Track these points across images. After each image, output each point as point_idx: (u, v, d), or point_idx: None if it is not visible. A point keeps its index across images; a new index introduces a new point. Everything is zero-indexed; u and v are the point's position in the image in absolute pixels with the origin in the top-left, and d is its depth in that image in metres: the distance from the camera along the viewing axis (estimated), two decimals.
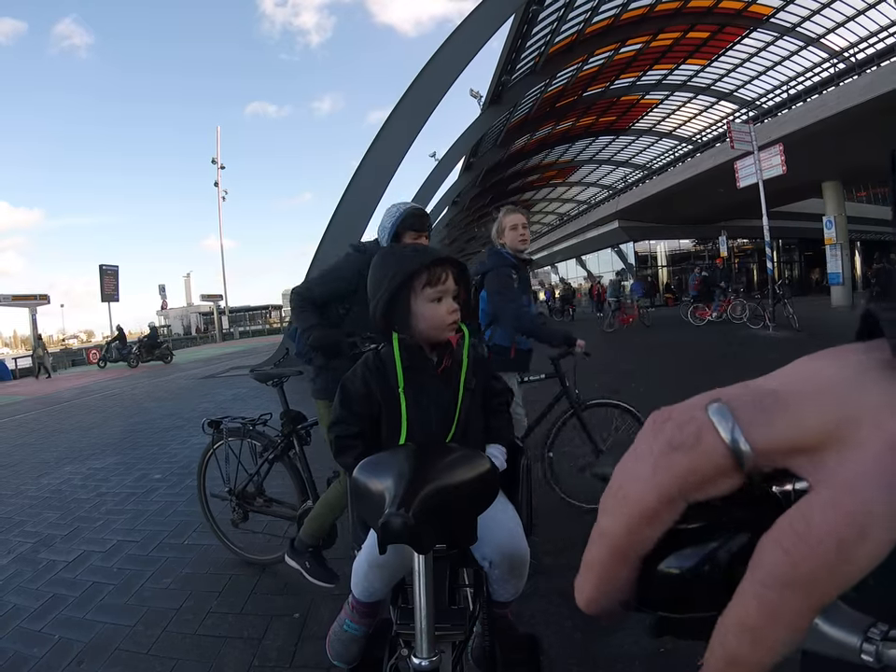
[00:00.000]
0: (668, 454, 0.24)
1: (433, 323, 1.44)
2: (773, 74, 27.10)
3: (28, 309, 28.62)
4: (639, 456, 0.26)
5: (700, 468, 0.24)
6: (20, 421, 9.88)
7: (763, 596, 0.21)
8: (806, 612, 0.21)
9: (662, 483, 0.24)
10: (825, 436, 0.23)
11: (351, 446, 1.45)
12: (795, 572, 0.21)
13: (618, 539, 0.25)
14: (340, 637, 1.50)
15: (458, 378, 1.49)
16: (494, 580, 1.43)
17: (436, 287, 1.44)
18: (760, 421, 0.23)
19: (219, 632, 2.43)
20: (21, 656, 2.36)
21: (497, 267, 3.17)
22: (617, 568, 0.26)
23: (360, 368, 1.50)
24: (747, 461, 0.23)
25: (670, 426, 0.25)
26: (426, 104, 13.49)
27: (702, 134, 33.90)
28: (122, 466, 5.59)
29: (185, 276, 70.58)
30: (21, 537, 3.77)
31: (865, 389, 0.23)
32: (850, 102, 14.34)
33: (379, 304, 1.43)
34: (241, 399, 9.55)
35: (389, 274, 1.42)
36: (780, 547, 0.21)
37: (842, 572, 0.21)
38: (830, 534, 0.20)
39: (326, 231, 13.71)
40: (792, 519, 0.22)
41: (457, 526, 0.97)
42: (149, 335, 22.63)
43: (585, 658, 2.07)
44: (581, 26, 21.35)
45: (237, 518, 3.01)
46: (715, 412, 0.24)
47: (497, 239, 3.28)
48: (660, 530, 0.25)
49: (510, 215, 3.24)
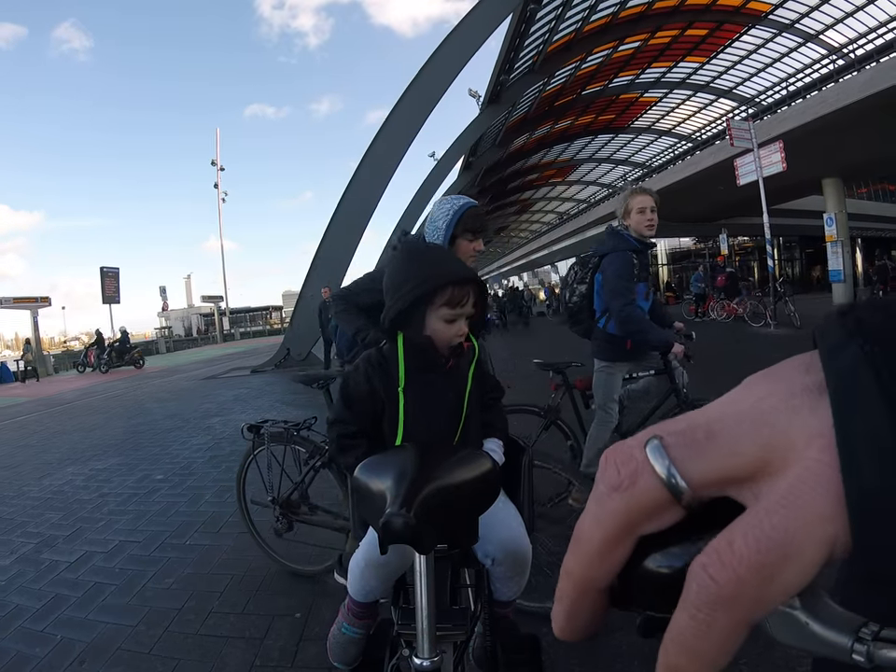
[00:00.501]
0: (610, 494, 0.26)
1: (439, 339, 1.42)
2: (772, 71, 27.11)
3: (29, 311, 28.67)
4: (592, 497, 0.27)
5: (639, 506, 0.25)
6: (21, 422, 9.89)
7: (695, 616, 0.22)
8: (737, 630, 0.22)
9: (605, 523, 0.26)
10: (757, 466, 0.23)
11: (351, 446, 1.44)
12: (721, 595, 0.21)
13: (577, 576, 0.27)
14: (338, 639, 1.50)
15: (463, 380, 1.49)
16: (496, 577, 1.43)
17: (454, 310, 1.40)
18: (693, 456, 0.24)
19: (221, 632, 2.43)
20: (23, 656, 2.36)
21: (618, 251, 3.07)
22: (582, 601, 0.27)
23: (363, 364, 1.48)
24: (684, 496, 0.24)
25: (611, 467, 0.26)
26: (424, 104, 13.52)
27: (701, 132, 33.92)
28: (124, 467, 5.59)
29: (185, 278, 70.80)
30: (23, 537, 3.77)
31: (793, 416, 0.23)
32: (850, 98, 14.29)
33: (392, 310, 1.40)
34: (242, 400, 9.56)
35: (411, 282, 1.38)
36: (706, 572, 0.22)
37: (767, 593, 0.21)
38: (751, 559, 0.21)
39: (326, 231, 13.77)
40: (718, 544, 0.22)
41: (459, 526, 0.97)
42: (120, 339, 22.47)
43: (587, 658, 2.08)
44: (580, 24, 21.36)
45: (281, 528, 2.81)
46: (651, 450, 0.25)
47: (623, 220, 3.17)
48: (616, 564, 0.26)
49: (638, 196, 3.11)
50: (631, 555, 0.26)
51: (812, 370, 0.24)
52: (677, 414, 0.27)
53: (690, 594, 0.23)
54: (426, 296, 1.37)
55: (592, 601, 0.27)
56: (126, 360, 21.72)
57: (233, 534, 3.47)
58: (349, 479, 1.09)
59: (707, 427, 0.25)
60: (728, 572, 0.21)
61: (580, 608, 0.27)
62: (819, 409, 0.23)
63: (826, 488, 0.21)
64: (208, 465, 5.34)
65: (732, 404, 0.26)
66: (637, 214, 3.07)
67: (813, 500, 0.21)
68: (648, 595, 0.26)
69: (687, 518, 0.25)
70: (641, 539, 0.26)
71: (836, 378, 0.22)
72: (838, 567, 0.25)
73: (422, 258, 1.46)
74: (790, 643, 0.24)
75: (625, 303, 2.97)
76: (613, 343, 3.10)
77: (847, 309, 0.24)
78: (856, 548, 0.21)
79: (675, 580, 0.24)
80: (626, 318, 2.97)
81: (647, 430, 0.27)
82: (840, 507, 0.21)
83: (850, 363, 0.22)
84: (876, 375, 0.21)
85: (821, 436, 0.22)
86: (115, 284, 35.35)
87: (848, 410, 0.21)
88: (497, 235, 62.39)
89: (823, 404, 0.23)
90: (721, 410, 0.26)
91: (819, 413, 0.23)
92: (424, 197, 26.44)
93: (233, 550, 3.25)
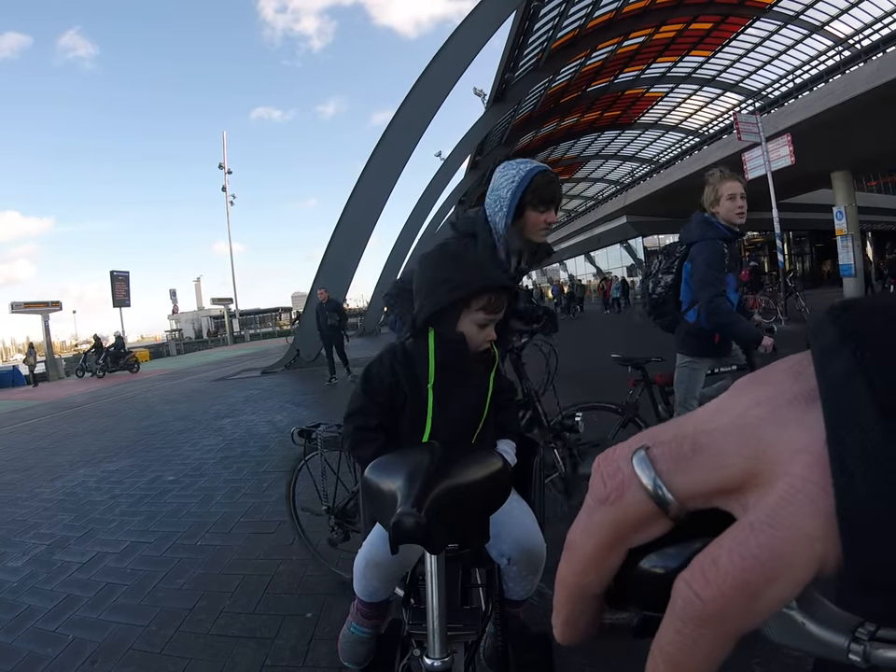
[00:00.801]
0: (598, 507, 0.26)
1: (469, 342, 1.41)
2: (778, 63, 26.99)
3: (41, 315, 28.87)
4: (583, 507, 0.27)
5: (627, 519, 0.25)
6: (33, 425, 9.95)
7: (680, 631, 0.22)
8: (722, 644, 0.22)
9: (595, 535, 0.26)
10: (743, 478, 0.23)
11: (370, 439, 1.43)
12: (706, 612, 0.21)
13: (570, 584, 0.27)
14: (348, 639, 1.50)
15: (485, 383, 1.48)
16: (510, 577, 1.42)
17: (489, 315, 1.39)
18: (679, 468, 0.24)
19: (232, 632, 2.43)
20: (36, 656, 2.38)
21: (707, 239, 2.92)
22: (577, 609, 0.27)
23: (387, 357, 1.47)
24: (671, 508, 0.24)
25: (598, 479, 0.26)
26: (429, 104, 13.51)
27: (708, 127, 33.74)
28: (136, 468, 5.61)
29: (195, 280, 71.08)
30: (35, 539, 3.79)
31: (780, 430, 0.23)
32: (857, 90, 14.20)
33: (427, 308, 1.39)
34: (252, 401, 9.60)
35: (450, 283, 1.36)
36: (691, 588, 0.22)
37: (753, 610, 0.21)
38: (736, 577, 0.21)
39: (334, 232, 13.79)
40: (703, 561, 0.22)
41: (470, 525, 0.97)
42: (114, 344, 22.72)
43: (598, 657, 2.07)
44: (583, 21, 21.30)
45: (336, 538, 2.70)
46: (638, 462, 0.25)
47: (710, 207, 2.99)
48: (609, 571, 0.26)
49: (727, 181, 2.92)
50: (625, 557, 0.26)
51: (802, 376, 0.24)
52: None
53: (675, 608, 0.22)
54: (465, 299, 1.36)
55: (588, 606, 0.27)
56: (121, 365, 22.06)
57: (245, 534, 3.48)
58: (361, 476, 1.08)
59: (694, 439, 0.25)
60: (713, 590, 0.21)
61: (577, 613, 0.28)
62: (806, 421, 0.23)
63: (812, 507, 0.21)
64: (219, 466, 5.35)
65: (719, 413, 0.25)
66: (728, 201, 2.90)
67: (800, 519, 0.21)
68: (643, 595, 0.26)
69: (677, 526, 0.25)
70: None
71: (828, 387, 0.22)
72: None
73: (462, 260, 1.43)
74: (786, 644, 0.24)
75: (715, 294, 2.83)
76: (700, 336, 2.99)
77: (842, 308, 0.23)
78: (848, 561, 0.21)
79: (670, 580, 0.24)
80: (715, 310, 2.82)
81: (635, 438, 0.27)
82: (827, 525, 0.21)
83: (843, 369, 0.21)
84: (870, 384, 0.21)
85: (807, 451, 0.22)
86: (125, 287, 35.52)
87: (841, 420, 0.21)
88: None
89: (811, 416, 0.23)
90: (708, 419, 0.25)
91: (807, 426, 0.22)
92: (431, 197, 26.49)
93: (244, 550, 3.26)
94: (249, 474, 4.92)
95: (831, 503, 0.21)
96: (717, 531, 0.23)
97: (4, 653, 2.43)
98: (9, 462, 6.60)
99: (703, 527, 0.25)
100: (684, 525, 0.25)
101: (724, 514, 0.24)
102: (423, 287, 1.43)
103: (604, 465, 0.26)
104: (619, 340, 13.62)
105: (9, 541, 3.55)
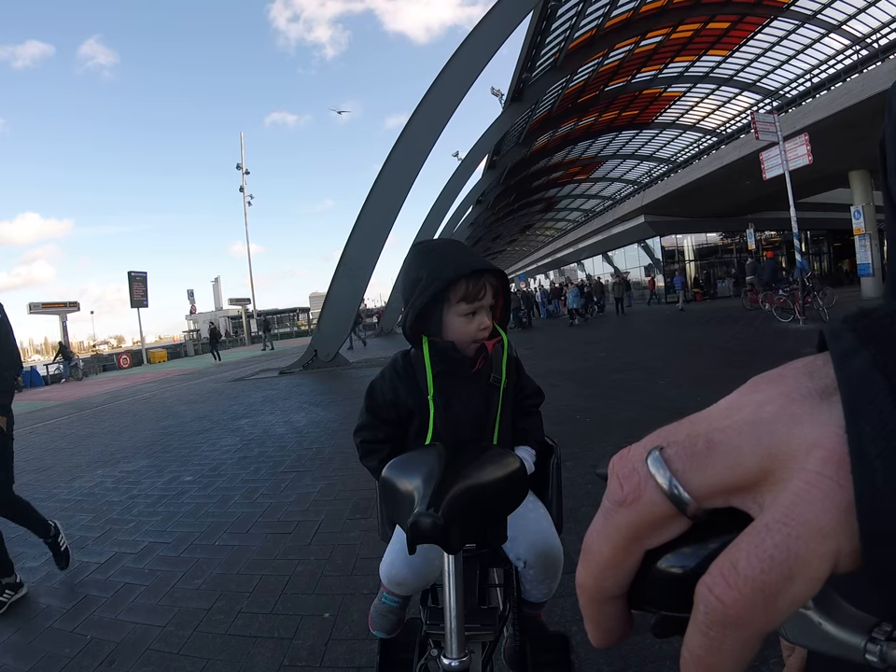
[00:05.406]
0: (615, 510, 0.26)
1: (460, 337, 1.40)
2: (795, 62, 26.63)
3: (59, 316, 29.22)
4: (600, 510, 0.27)
5: (644, 520, 0.25)
6: (51, 426, 10.07)
7: (706, 634, 0.22)
8: (749, 644, 0.22)
9: (612, 537, 0.26)
10: (758, 476, 0.23)
11: (375, 450, 1.44)
12: (729, 615, 0.21)
13: (590, 588, 0.27)
14: (378, 609, 1.49)
15: (496, 377, 1.46)
16: (528, 580, 1.41)
17: (472, 304, 1.37)
18: (694, 467, 0.24)
19: (250, 632, 2.44)
20: (53, 656, 2.40)
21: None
22: (601, 610, 0.27)
23: (389, 372, 1.47)
24: (689, 508, 0.24)
25: (614, 481, 0.26)
26: (446, 104, 13.50)
27: (726, 126, 33.46)
28: (153, 468, 5.67)
29: (213, 281, 71.06)
30: None
31: (793, 425, 0.23)
32: (875, 88, 14.01)
33: (410, 312, 1.37)
34: (270, 401, 9.66)
35: (424, 280, 1.35)
36: (713, 593, 0.22)
37: (775, 610, 0.21)
38: (756, 579, 0.21)
39: (352, 232, 13.80)
40: (723, 565, 0.22)
41: (487, 525, 0.96)
42: (59, 351, 24.84)
43: (616, 657, 2.05)
44: (601, 20, 21.17)
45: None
46: (653, 463, 0.25)
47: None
48: (627, 573, 0.26)
49: None
50: (643, 558, 0.26)
51: (816, 374, 0.24)
52: None
53: (699, 614, 0.23)
54: (439, 294, 1.34)
55: (612, 608, 0.27)
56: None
57: (262, 534, 3.50)
58: (376, 480, 1.08)
59: (708, 437, 0.24)
60: (734, 593, 0.21)
61: (602, 616, 0.27)
62: (820, 417, 0.23)
63: (827, 502, 0.21)
64: (237, 466, 5.38)
65: (733, 410, 0.25)
66: None
67: (815, 516, 0.21)
68: (661, 595, 0.26)
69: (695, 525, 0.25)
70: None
71: (847, 379, 0.22)
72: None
73: (430, 255, 1.41)
74: (802, 644, 0.24)
75: None
76: None
77: (861, 315, 0.23)
78: (867, 553, 0.21)
79: (687, 579, 0.24)
80: None
81: (649, 437, 0.27)
82: (842, 520, 0.21)
83: (863, 365, 0.22)
84: (889, 377, 0.21)
85: (821, 447, 0.22)
86: (143, 288, 35.77)
87: (860, 410, 0.21)
88: (523, 234, 62.12)
89: (825, 411, 0.23)
90: (722, 416, 0.25)
91: (821, 421, 0.22)
92: (449, 196, 26.48)
93: (262, 550, 3.27)
94: (267, 474, 4.96)
95: (844, 497, 0.21)
96: (735, 528, 0.23)
97: (22, 654, 2.46)
98: (28, 462, 6.67)
99: (721, 526, 0.24)
100: (701, 524, 0.25)
101: (741, 511, 0.24)
102: (403, 294, 1.43)
103: (619, 466, 0.26)
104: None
105: (28, 542, 3.58)
